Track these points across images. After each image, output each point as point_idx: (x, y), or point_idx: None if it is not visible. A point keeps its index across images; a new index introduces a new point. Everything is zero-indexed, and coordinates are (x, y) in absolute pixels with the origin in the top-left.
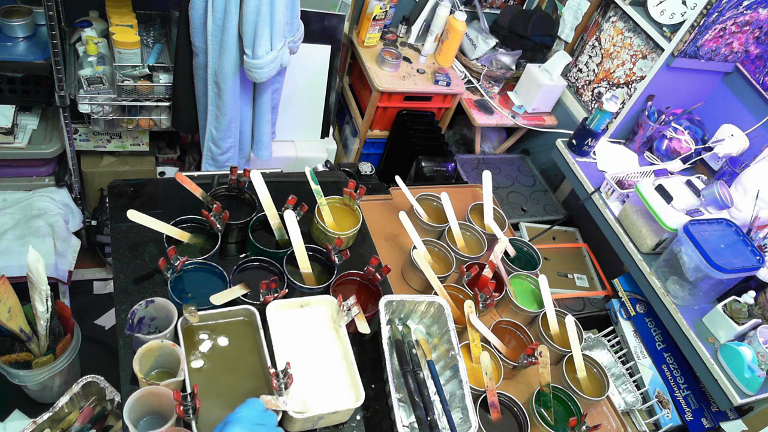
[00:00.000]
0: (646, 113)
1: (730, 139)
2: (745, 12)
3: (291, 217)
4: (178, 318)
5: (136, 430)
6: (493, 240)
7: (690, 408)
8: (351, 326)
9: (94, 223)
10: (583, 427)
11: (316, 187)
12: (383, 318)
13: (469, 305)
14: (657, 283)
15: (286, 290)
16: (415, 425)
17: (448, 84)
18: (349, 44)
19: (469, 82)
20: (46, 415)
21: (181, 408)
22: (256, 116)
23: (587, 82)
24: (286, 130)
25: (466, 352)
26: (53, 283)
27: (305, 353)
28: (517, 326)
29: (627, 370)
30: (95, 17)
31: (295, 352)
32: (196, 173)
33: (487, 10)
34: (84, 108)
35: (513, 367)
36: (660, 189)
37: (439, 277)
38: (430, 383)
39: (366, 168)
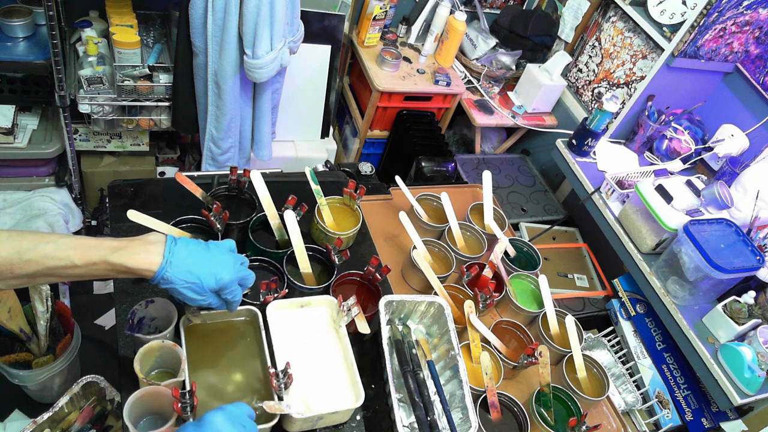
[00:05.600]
0: (646, 113)
1: (730, 139)
2: (745, 12)
3: (291, 217)
4: (179, 318)
5: (136, 430)
6: (493, 240)
7: (690, 408)
8: (351, 326)
9: (94, 223)
10: (583, 427)
11: (316, 187)
12: (383, 318)
13: (469, 305)
14: (657, 283)
15: (286, 290)
16: (415, 425)
17: (448, 84)
18: (349, 44)
19: (469, 82)
20: (46, 415)
21: (179, 405)
22: (256, 116)
23: (587, 82)
24: (286, 130)
25: (466, 352)
26: (53, 283)
27: (305, 353)
28: (517, 326)
29: (627, 370)
30: (95, 17)
31: (295, 352)
32: (196, 173)
33: (487, 10)
34: (84, 108)
35: (513, 367)
36: (660, 189)
37: (439, 277)
38: (430, 383)
39: (366, 168)
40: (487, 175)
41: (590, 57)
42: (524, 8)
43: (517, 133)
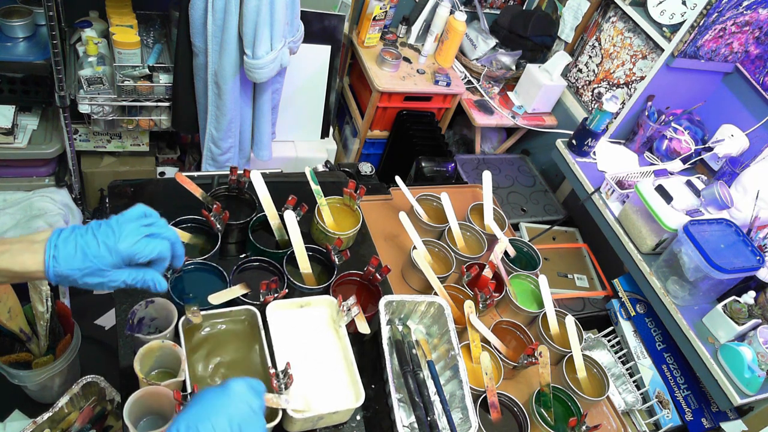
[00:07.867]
0: (646, 113)
1: (730, 139)
2: (745, 12)
3: (291, 217)
4: (179, 318)
5: (136, 430)
6: (493, 240)
7: (690, 408)
8: (351, 326)
9: None
10: (583, 427)
11: (316, 188)
12: (383, 318)
13: (469, 305)
14: (657, 283)
15: (286, 290)
16: (415, 425)
17: (448, 84)
18: (349, 44)
19: (469, 82)
20: (46, 415)
21: (181, 407)
22: (256, 116)
23: (587, 82)
24: (286, 130)
25: (466, 352)
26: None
27: (305, 353)
28: (517, 326)
29: (627, 370)
30: (95, 17)
31: (295, 353)
32: (196, 173)
33: (487, 10)
34: (84, 108)
35: (513, 367)
36: (660, 189)
37: (439, 277)
38: (430, 383)
39: (366, 168)
40: (487, 175)
41: (590, 57)
42: (524, 8)
43: (517, 133)
